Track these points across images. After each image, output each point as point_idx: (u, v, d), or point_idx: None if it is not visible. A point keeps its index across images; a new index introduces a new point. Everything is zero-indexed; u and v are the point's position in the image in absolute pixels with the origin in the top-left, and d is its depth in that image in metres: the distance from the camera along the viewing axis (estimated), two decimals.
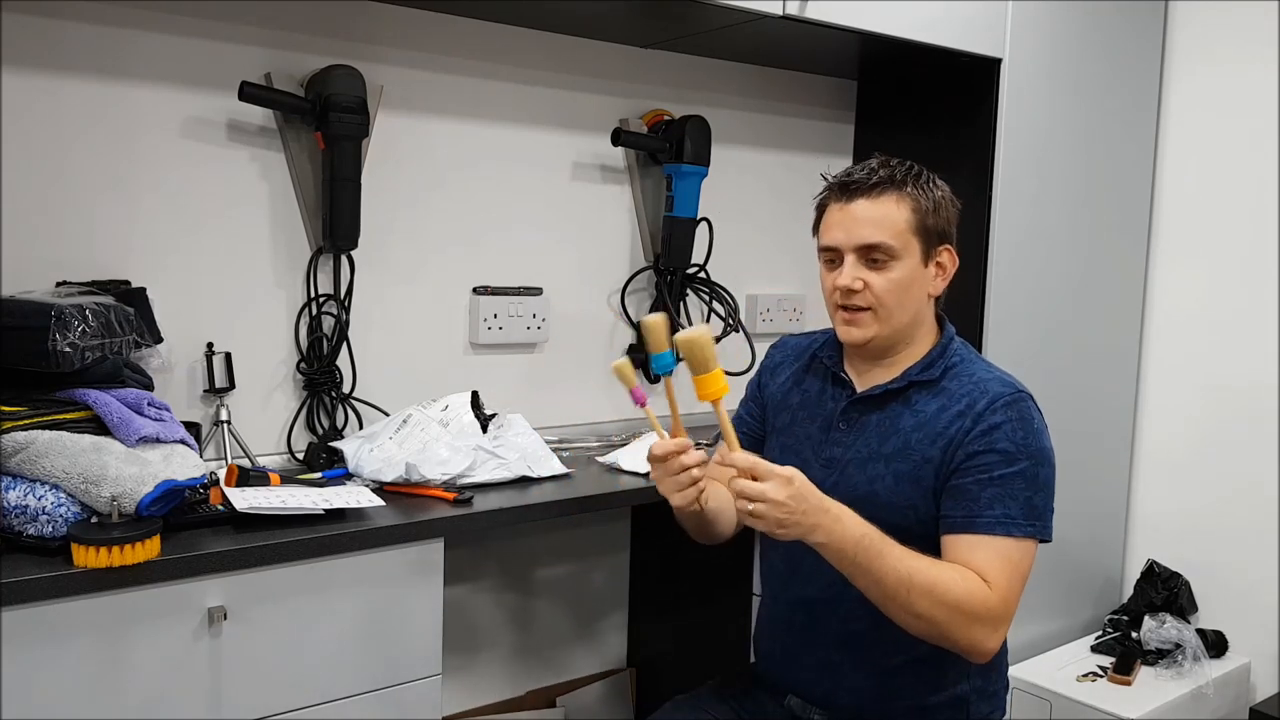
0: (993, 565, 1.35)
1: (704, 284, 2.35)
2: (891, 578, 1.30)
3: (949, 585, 1.31)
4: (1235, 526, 2.52)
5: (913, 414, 1.46)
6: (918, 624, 1.33)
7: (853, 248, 1.44)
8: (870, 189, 1.44)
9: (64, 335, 1.36)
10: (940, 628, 1.32)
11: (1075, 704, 2.25)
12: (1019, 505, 1.37)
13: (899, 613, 1.33)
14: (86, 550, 1.24)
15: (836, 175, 1.50)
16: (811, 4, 1.94)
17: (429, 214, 2.03)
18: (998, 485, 1.38)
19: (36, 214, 1.64)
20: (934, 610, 1.31)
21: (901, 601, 1.31)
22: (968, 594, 1.31)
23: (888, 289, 1.44)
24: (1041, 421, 1.44)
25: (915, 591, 1.30)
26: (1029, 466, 1.39)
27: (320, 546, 1.42)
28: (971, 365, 1.49)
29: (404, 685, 1.53)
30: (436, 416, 1.80)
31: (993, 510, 1.37)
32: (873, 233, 1.43)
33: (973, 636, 1.33)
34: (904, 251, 1.44)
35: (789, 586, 1.56)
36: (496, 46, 2.08)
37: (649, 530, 2.38)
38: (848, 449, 1.49)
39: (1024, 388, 1.45)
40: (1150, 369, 2.67)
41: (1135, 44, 2.53)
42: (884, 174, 1.45)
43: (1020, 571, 1.37)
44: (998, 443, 1.39)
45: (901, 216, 1.43)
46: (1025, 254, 2.33)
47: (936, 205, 1.46)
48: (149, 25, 1.71)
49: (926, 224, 1.45)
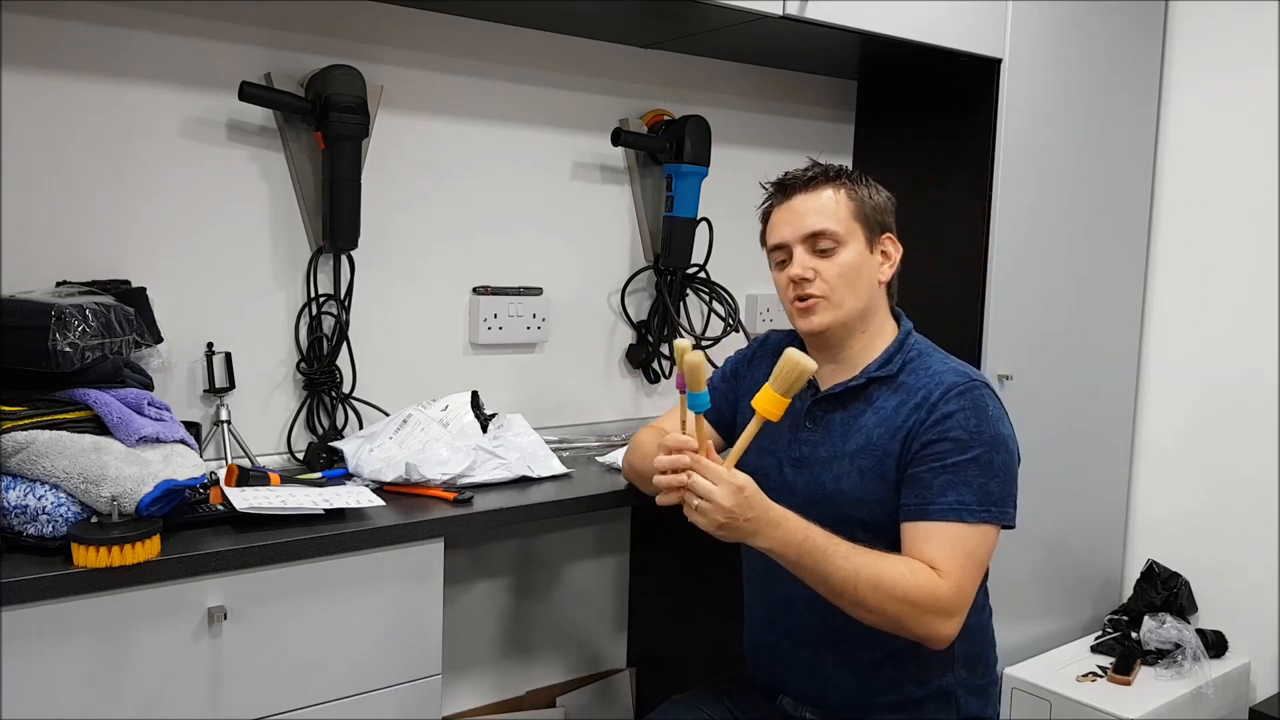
0: (944, 552, 1.37)
1: (704, 284, 2.35)
2: (837, 576, 1.33)
3: (896, 579, 1.33)
4: (1235, 526, 2.52)
5: (873, 411, 1.48)
6: (872, 618, 1.36)
7: (799, 239, 1.50)
8: (806, 184, 1.52)
9: (64, 335, 1.36)
10: (894, 620, 1.35)
11: (1075, 704, 2.25)
12: (973, 492, 1.38)
13: (852, 609, 1.36)
14: (86, 550, 1.24)
15: (774, 180, 1.58)
16: (811, 4, 1.94)
17: (429, 214, 2.03)
18: (951, 472, 1.39)
19: (36, 214, 1.64)
20: (885, 604, 1.33)
21: (851, 598, 1.34)
22: (916, 586, 1.34)
23: (838, 274, 1.49)
24: (998, 409, 1.45)
25: (863, 588, 1.33)
26: (983, 453, 1.40)
27: (320, 546, 1.42)
28: (928, 359, 1.51)
29: (404, 685, 1.53)
30: (436, 416, 1.80)
31: (945, 497, 1.38)
32: (816, 220, 1.49)
33: (927, 626, 1.36)
34: (848, 237, 1.49)
35: (769, 586, 1.57)
36: (496, 46, 2.08)
37: (649, 530, 2.38)
38: (815, 448, 1.51)
39: (980, 376, 1.47)
40: (1150, 369, 2.67)
41: (1135, 44, 2.53)
42: (817, 170, 1.54)
43: (975, 558, 1.39)
44: (951, 431, 1.41)
45: (840, 204, 1.51)
46: (1025, 254, 2.33)
47: (871, 196, 1.54)
48: (149, 25, 1.71)
49: (865, 212, 1.52)
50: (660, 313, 2.32)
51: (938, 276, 2.31)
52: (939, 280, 2.31)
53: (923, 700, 1.48)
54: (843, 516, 1.42)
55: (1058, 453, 2.47)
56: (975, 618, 1.52)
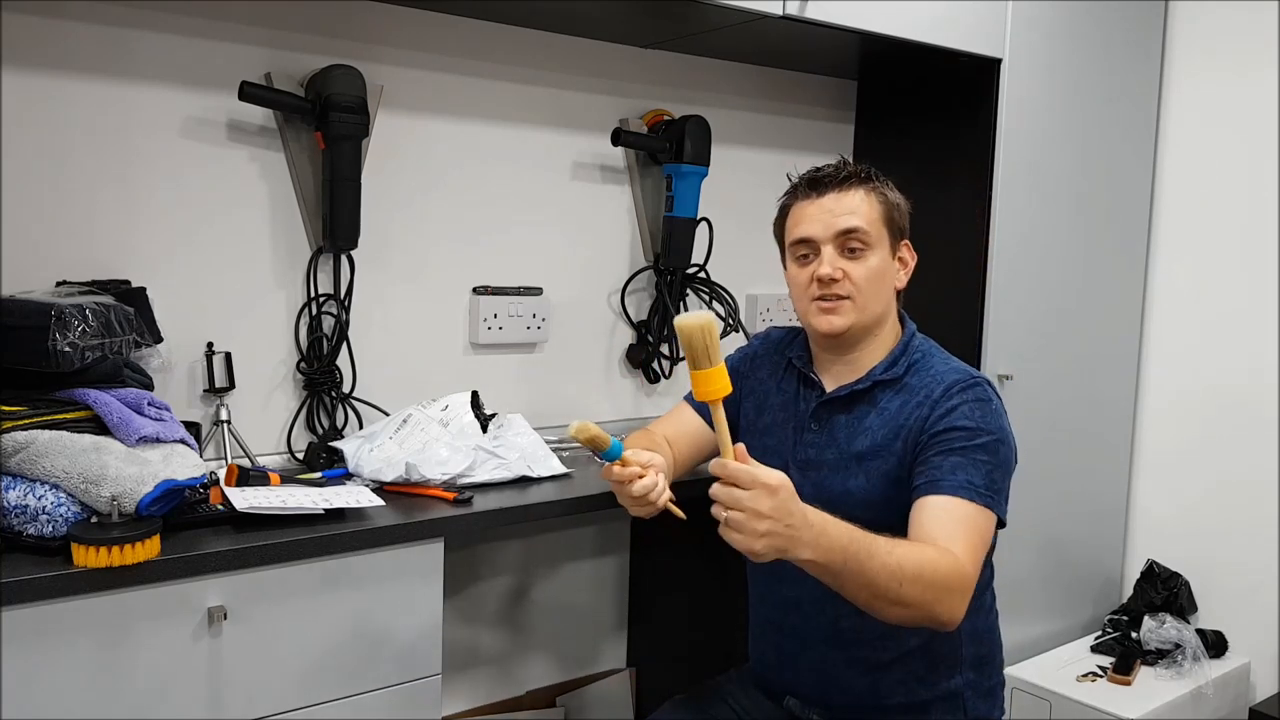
0: (959, 531, 1.32)
1: (704, 284, 2.34)
2: (884, 576, 1.23)
3: (935, 565, 1.26)
4: (1235, 526, 2.52)
5: (878, 413, 1.48)
6: (904, 613, 1.26)
7: (831, 236, 1.48)
8: (840, 183, 1.50)
9: (64, 335, 1.36)
10: (926, 610, 1.27)
11: (1075, 704, 2.25)
12: (981, 475, 1.37)
13: (886, 607, 1.26)
14: (86, 550, 1.24)
15: (803, 174, 1.55)
16: (811, 4, 1.94)
17: (429, 214, 2.03)
18: (960, 455, 1.38)
19: (36, 214, 1.64)
20: (923, 594, 1.25)
21: (894, 596, 1.24)
22: (949, 569, 1.27)
23: (866, 277, 1.48)
24: (1000, 405, 1.45)
25: (906, 582, 1.23)
26: (991, 441, 1.39)
27: (320, 546, 1.42)
28: (931, 360, 1.51)
29: (404, 685, 1.53)
30: (436, 416, 1.80)
31: (955, 476, 1.36)
32: (849, 218, 1.47)
33: (954, 610, 1.29)
34: (877, 241, 1.49)
35: (775, 588, 1.57)
36: (496, 46, 2.08)
37: (649, 530, 2.38)
38: (821, 450, 1.51)
39: (981, 376, 1.48)
40: (1150, 369, 2.67)
41: (1135, 44, 2.53)
42: (850, 170, 1.52)
43: (982, 539, 1.35)
44: (958, 420, 1.40)
45: (872, 208, 1.49)
46: (1025, 254, 2.33)
47: (897, 202, 1.53)
48: (149, 25, 1.71)
49: (892, 217, 1.51)
50: (660, 313, 2.32)
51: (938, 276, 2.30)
52: (939, 280, 2.30)
53: (930, 702, 1.48)
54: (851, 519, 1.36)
55: (1058, 453, 2.47)
56: (983, 619, 1.52)
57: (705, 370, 1.23)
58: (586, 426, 1.23)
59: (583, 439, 1.24)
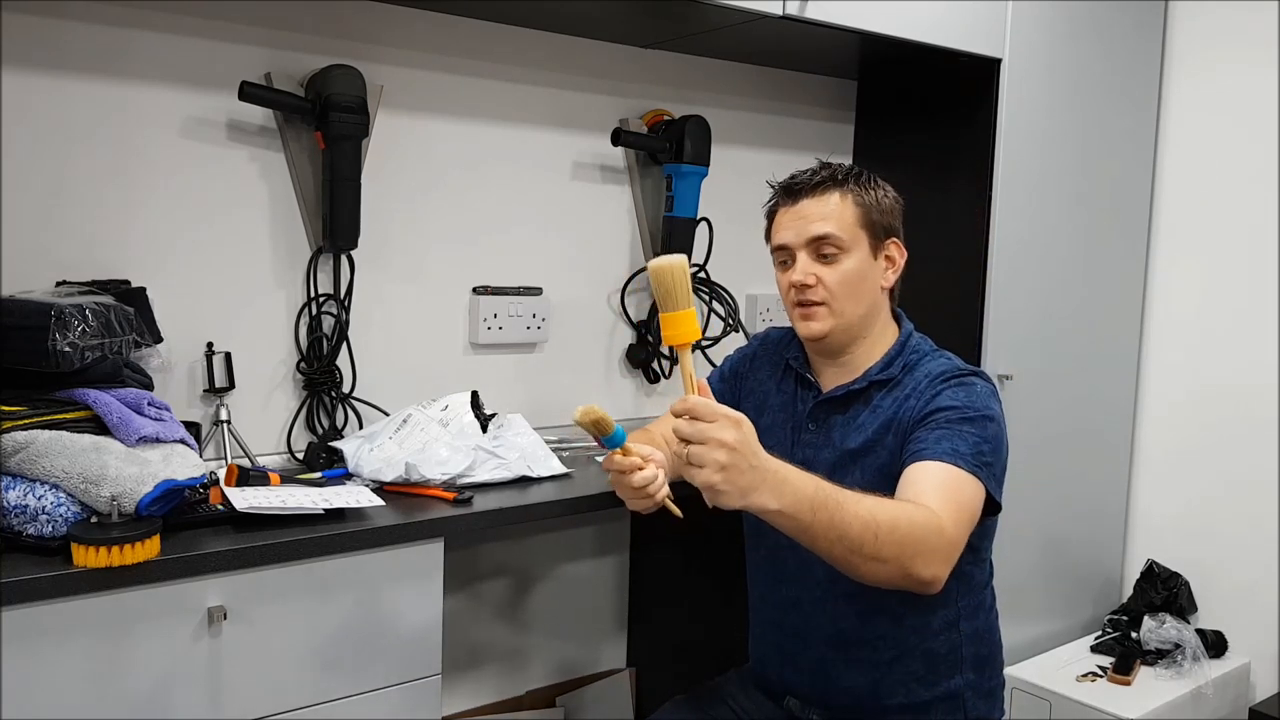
0: (939, 495, 1.30)
1: (704, 284, 2.35)
2: (857, 526, 1.19)
3: (908, 515, 1.24)
4: (1234, 526, 2.52)
5: (872, 411, 1.49)
6: (879, 569, 1.23)
7: (803, 244, 1.49)
8: (814, 188, 1.51)
9: (64, 335, 1.36)
10: (902, 565, 1.23)
11: (1075, 704, 2.25)
12: (967, 445, 1.36)
13: (862, 563, 1.22)
14: (86, 550, 1.24)
15: (782, 181, 1.56)
16: (811, 4, 1.94)
17: (429, 214, 2.03)
18: (945, 428, 1.38)
19: (36, 214, 1.64)
20: (900, 549, 1.22)
21: (870, 550, 1.20)
22: (924, 522, 1.25)
23: (839, 281, 1.48)
24: (989, 394, 1.45)
25: (882, 533, 1.21)
26: (978, 417, 1.39)
27: (320, 546, 1.42)
28: (927, 359, 1.51)
29: (404, 685, 1.53)
30: (436, 416, 1.80)
31: (939, 445, 1.36)
32: (820, 225, 1.48)
33: (932, 566, 1.26)
34: (853, 244, 1.48)
35: (776, 588, 1.57)
36: (496, 46, 2.08)
37: (649, 530, 2.38)
38: (819, 450, 1.52)
39: (979, 370, 1.48)
40: (1150, 369, 2.67)
41: (1135, 44, 2.53)
42: (825, 174, 1.52)
43: (966, 509, 1.32)
44: (943, 401, 1.42)
45: (846, 211, 1.49)
46: (1025, 254, 2.33)
47: (879, 200, 1.52)
48: (149, 25, 1.71)
49: (872, 218, 1.50)
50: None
51: (938, 276, 2.31)
52: (939, 280, 2.31)
53: (931, 703, 1.48)
54: None
55: (1058, 452, 2.47)
56: (983, 619, 1.52)
57: (676, 312, 1.22)
58: (592, 409, 1.23)
59: (588, 421, 1.23)
